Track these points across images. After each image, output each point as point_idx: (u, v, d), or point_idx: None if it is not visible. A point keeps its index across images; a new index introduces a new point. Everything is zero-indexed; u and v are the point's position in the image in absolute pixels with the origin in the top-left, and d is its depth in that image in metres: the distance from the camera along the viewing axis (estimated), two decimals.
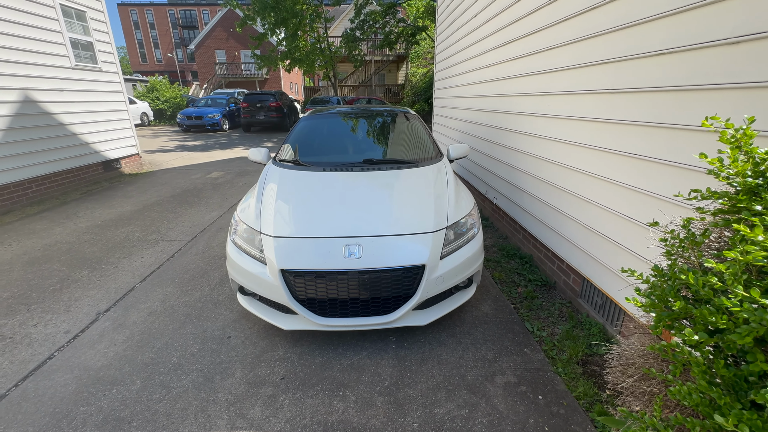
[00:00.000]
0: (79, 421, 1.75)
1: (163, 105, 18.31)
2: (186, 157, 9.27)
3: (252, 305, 2.30)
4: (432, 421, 1.73)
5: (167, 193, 5.73)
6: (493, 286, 2.93)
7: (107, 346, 2.27)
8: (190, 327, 2.45)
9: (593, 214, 2.35)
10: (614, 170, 2.13)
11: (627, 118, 2.02)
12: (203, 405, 1.83)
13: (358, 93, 25.71)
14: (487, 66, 4.14)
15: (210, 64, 31.83)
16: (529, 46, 3.10)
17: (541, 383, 1.95)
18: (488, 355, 2.16)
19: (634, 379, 1.06)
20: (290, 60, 16.85)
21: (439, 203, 2.37)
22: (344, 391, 1.91)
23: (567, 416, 1.74)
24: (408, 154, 3.24)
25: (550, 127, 2.84)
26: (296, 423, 1.73)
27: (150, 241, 3.86)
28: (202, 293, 2.86)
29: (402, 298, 2.10)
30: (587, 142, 2.37)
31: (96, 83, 6.34)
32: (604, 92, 2.21)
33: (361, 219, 2.24)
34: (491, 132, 4.10)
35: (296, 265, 2.03)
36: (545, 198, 2.95)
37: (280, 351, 2.21)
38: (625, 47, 2.02)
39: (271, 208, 2.34)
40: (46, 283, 3.02)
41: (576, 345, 2.16)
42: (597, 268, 2.34)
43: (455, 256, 2.21)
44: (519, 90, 3.37)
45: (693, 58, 1.63)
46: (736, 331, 0.67)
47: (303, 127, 3.53)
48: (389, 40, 16.68)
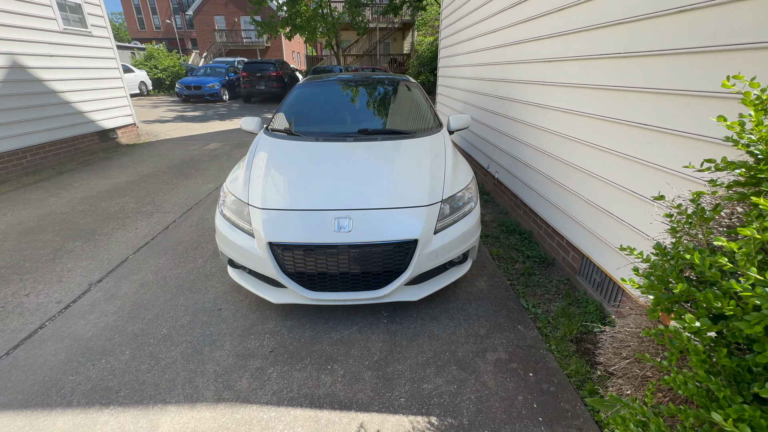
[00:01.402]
0: (67, 390, 1.75)
1: (162, 74, 17.84)
2: (184, 127, 9.09)
3: (242, 278, 2.26)
4: (419, 396, 1.71)
5: (164, 164, 5.64)
6: (490, 261, 2.87)
7: (98, 317, 2.26)
8: (181, 299, 2.43)
9: (598, 188, 2.23)
10: (621, 142, 2.00)
11: (638, 84, 1.87)
12: (191, 376, 1.83)
13: (362, 62, 24.87)
14: (493, 31, 3.88)
15: (209, 31, 30.76)
16: (540, 7, 2.86)
17: (532, 360, 1.91)
18: (480, 331, 2.12)
19: (627, 361, 0.99)
20: (291, 26, 16.18)
21: (435, 176, 2.26)
22: (332, 365, 1.89)
23: (557, 394, 1.72)
24: (405, 125, 3.10)
25: (556, 95, 2.68)
26: (283, 395, 1.72)
27: (144, 213, 3.82)
28: (194, 265, 2.83)
29: (393, 273, 2.04)
30: (595, 112, 2.22)
31: (87, 48, 6.10)
32: (617, 56, 2.04)
33: (353, 191, 2.15)
34: (496, 102, 3.91)
35: (284, 238, 1.96)
36: (548, 172, 2.83)
37: (271, 324, 2.19)
38: (643, 5, 1.83)
39: (260, 179, 2.25)
40: (39, 253, 3.00)
41: (571, 323, 2.12)
42: (598, 245, 2.26)
43: (450, 231, 2.12)
44: (526, 56, 3.16)
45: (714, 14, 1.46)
46: (744, 318, 0.59)
47: (297, 95, 3.37)
48: (394, 5, 15.88)
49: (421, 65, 16.79)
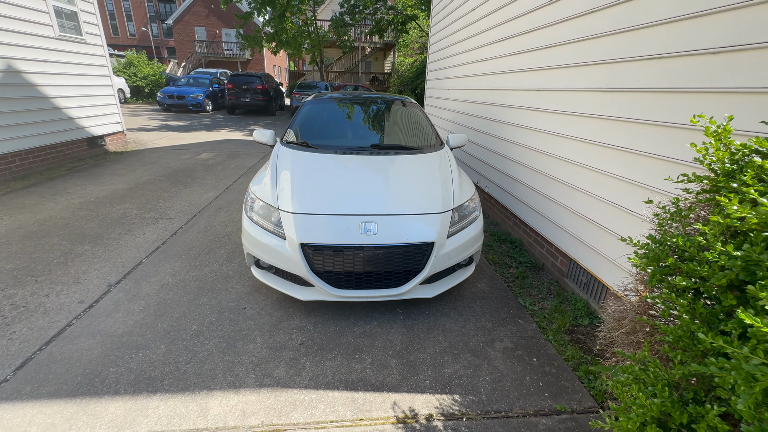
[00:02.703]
0: (111, 380, 1.85)
1: (141, 82, 17.50)
2: (171, 137, 9.04)
3: (267, 278, 2.43)
4: (442, 378, 1.94)
5: (158, 173, 5.66)
6: (488, 266, 3.17)
7: (125, 315, 2.35)
8: (204, 299, 2.55)
9: (583, 201, 2.59)
10: (604, 162, 2.37)
11: (618, 114, 2.26)
12: (230, 366, 1.97)
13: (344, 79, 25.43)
14: (483, 60, 4.32)
15: (189, 41, 30.48)
16: (527, 43, 3.29)
17: (534, 348, 2.19)
18: (487, 325, 2.39)
19: (626, 329, 1.29)
20: (276, 42, 16.48)
21: (446, 187, 2.55)
22: (360, 355, 2.09)
23: (558, 374, 2.00)
24: (413, 141, 3.40)
25: (544, 120, 3.07)
26: (320, 381, 1.90)
27: (149, 219, 3.87)
28: (211, 268, 2.95)
29: (411, 272, 2.28)
30: (580, 136, 2.60)
31: (80, 56, 6.08)
32: (599, 90, 2.44)
33: (375, 199, 2.40)
34: (485, 123, 4.31)
35: (316, 240, 2.17)
36: (538, 187, 3.19)
37: (296, 321, 2.36)
38: (620, 50, 2.24)
39: (288, 186, 2.45)
40: (48, 256, 3.02)
41: (563, 317, 2.43)
42: (584, 250, 2.60)
43: (460, 236, 2.41)
44: (517, 85, 3.57)
45: (680, 63, 1.86)
46: (714, 277, 0.88)
47: (308, 111, 3.61)
48: (379, 27, 16.56)
49: (402, 84, 17.43)
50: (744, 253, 0.83)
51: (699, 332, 0.89)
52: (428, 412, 1.73)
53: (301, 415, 1.70)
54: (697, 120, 1.19)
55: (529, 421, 1.71)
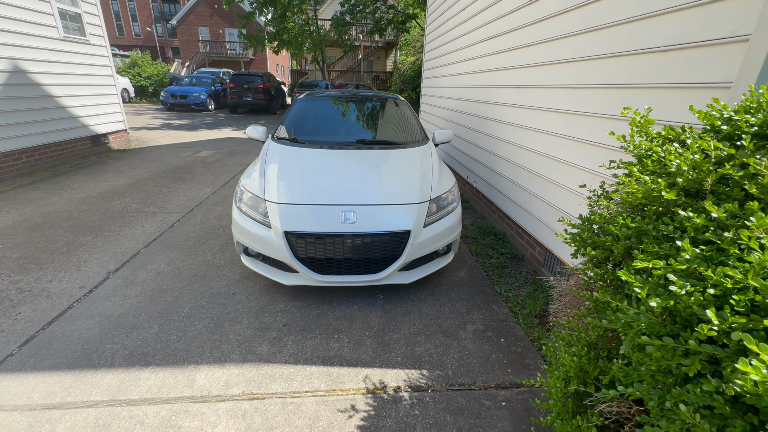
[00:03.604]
0: (107, 355, 2.01)
1: (145, 82, 17.80)
2: (173, 135, 9.24)
3: (255, 265, 2.58)
4: (413, 356, 2.08)
5: (159, 170, 5.84)
6: (470, 257, 3.30)
7: (122, 299, 2.51)
8: (197, 285, 2.71)
9: (558, 193, 2.72)
10: (574, 155, 2.49)
11: (587, 110, 2.38)
12: (217, 344, 2.12)
13: (346, 78, 25.56)
14: (472, 58, 4.44)
15: (193, 41, 30.79)
16: (510, 42, 3.41)
17: (504, 330, 2.33)
18: (461, 309, 2.53)
19: (564, 303, 1.42)
20: (278, 42, 16.67)
21: (424, 179, 2.69)
22: (339, 335, 2.24)
23: (522, 353, 2.13)
24: (397, 137, 3.54)
25: (525, 117, 3.19)
26: (299, 357, 2.04)
27: (148, 212, 4.04)
28: (204, 258, 3.11)
29: (390, 259, 2.42)
30: (555, 131, 2.73)
31: (84, 56, 6.28)
32: (570, 87, 2.56)
33: (356, 190, 2.54)
34: (474, 120, 4.43)
35: (298, 228, 2.32)
36: (519, 181, 3.32)
37: (281, 305, 2.51)
38: (588, 49, 2.36)
39: (274, 178, 2.60)
40: (52, 246, 3.20)
41: (535, 303, 2.55)
42: (557, 239, 2.72)
43: (436, 225, 2.54)
44: (501, 82, 3.69)
45: (636, 61, 1.99)
46: (615, 246, 1.01)
47: (299, 108, 3.75)
48: (379, 26, 16.67)
49: (403, 83, 17.52)
50: (636, 224, 0.96)
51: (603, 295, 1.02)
52: (396, 385, 1.88)
53: (279, 386, 1.85)
54: (626, 112, 1.32)
55: (489, 393, 1.84)
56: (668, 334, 0.77)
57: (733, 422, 0.67)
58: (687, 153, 0.95)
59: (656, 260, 0.81)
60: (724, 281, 0.70)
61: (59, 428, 1.59)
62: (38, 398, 1.74)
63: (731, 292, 0.70)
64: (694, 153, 0.95)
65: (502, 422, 1.69)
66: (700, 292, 0.73)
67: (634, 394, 0.85)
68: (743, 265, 0.71)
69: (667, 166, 0.98)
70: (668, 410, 0.78)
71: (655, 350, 0.76)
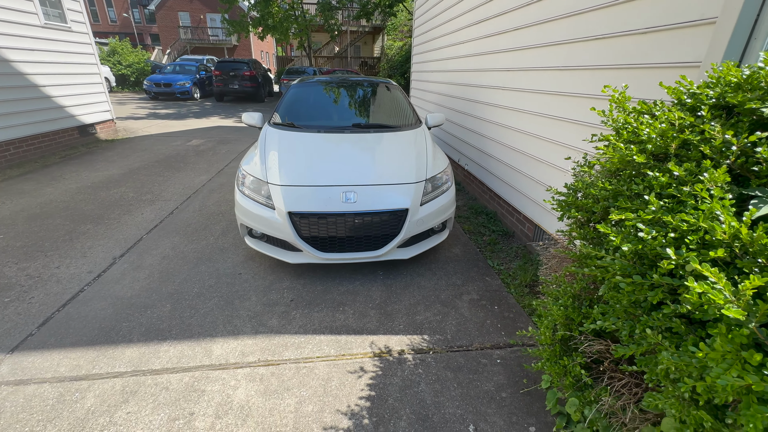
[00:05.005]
0: (125, 332, 2.12)
1: (126, 70, 17.29)
2: (161, 124, 9.12)
3: (259, 245, 2.69)
4: (414, 323, 2.24)
5: (151, 159, 5.82)
6: (463, 235, 3.46)
7: (131, 282, 2.60)
8: (203, 267, 2.81)
9: (545, 171, 2.87)
10: (561, 133, 2.64)
11: (574, 91, 2.51)
12: (229, 319, 2.25)
13: (334, 64, 25.23)
14: (461, 42, 4.52)
15: (173, 27, 29.80)
16: (498, 25, 3.51)
17: (497, 299, 2.51)
18: (457, 282, 2.69)
19: (552, 264, 1.58)
20: (263, 27, 16.32)
21: (420, 160, 2.81)
22: (343, 308, 2.38)
23: (514, 318, 2.31)
24: (391, 120, 3.64)
25: (513, 98, 3.32)
26: (308, 328, 2.19)
27: (146, 201, 4.08)
28: (207, 242, 3.20)
29: (389, 236, 2.56)
30: (542, 111, 2.86)
31: (66, 44, 6.13)
32: (556, 69, 2.69)
33: (355, 171, 2.65)
34: (464, 104, 4.55)
35: (302, 208, 2.43)
36: (508, 161, 3.47)
37: (287, 282, 2.63)
38: (573, 32, 2.48)
39: (275, 162, 2.69)
40: (54, 234, 3.24)
41: (525, 274, 2.73)
42: (545, 215, 2.90)
43: (432, 204, 2.68)
44: (489, 66, 3.80)
45: (612, 43, 2.12)
46: (595, 206, 1.16)
47: (294, 94, 3.81)
48: (366, 10, 16.44)
49: (391, 68, 17.39)
50: (613, 186, 1.11)
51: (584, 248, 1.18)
52: (400, 348, 2.04)
53: (291, 353, 1.99)
54: (606, 90, 1.45)
55: (485, 353, 2.02)
56: (638, 273, 0.93)
57: (687, 337, 0.83)
58: (656, 123, 1.10)
59: (628, 213, 0.96)
60: (681, 225, 0.85)
61: (89, 395, 1.71)
62: (64, 371, 1.85)
63: (687, 233, 0.85)
64: (662, 123, 1.09)
65: (498, 376, 1.87)
66: (662, 236, 0.88)
67: (609, 326, 1.01)
68: (697, 212, 0.86)
69: (640, 135, 1.13)
70: (638, 336, 0.94)
71: (627, 286, 0.92)
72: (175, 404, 1.68)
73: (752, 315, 0.67)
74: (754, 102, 0.92)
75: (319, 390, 1.77)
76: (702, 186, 0.87)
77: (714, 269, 0.72)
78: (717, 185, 0.86)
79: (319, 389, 1.77)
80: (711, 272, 0.71)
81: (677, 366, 0.81)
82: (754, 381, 0.66)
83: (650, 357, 0.93)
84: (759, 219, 0.81)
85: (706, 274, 0.71)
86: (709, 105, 1.06)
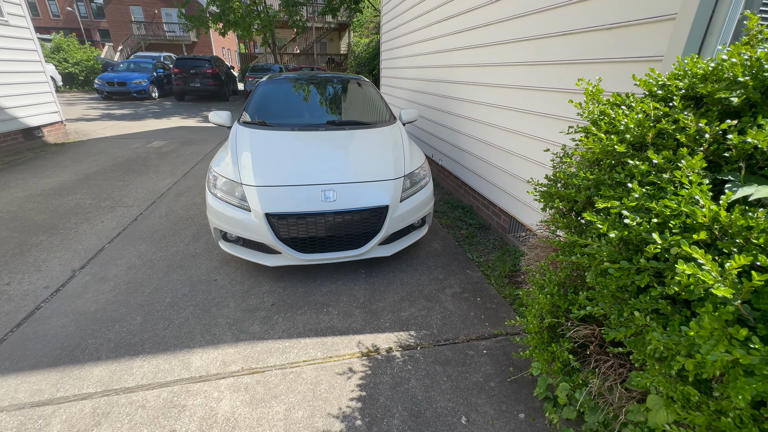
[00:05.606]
0: (92, 349, 1.96)
1: (74, 69, 16.06)
2: (117, 126, 8.55)
3: (235, 249, 2.58)
4: (400, 320, 2.23)
5: (108, 163, 5.45)
6: (441, 229, 3.50)
7: (95, 295, 2.42)
8: (174, 275, 2.66)
9: (518, 163, 2.95)
10: (532, 127, 2.72)
11: (543, 85, 2.59)
12: (207, 328, 2.14)
13: (300, 61, 24.69)
14: (432, 38, 4.55)
15: (124, 22, 27.99)
16: (469, 21, 3.55)
17: (479, 291, 2.55)
18: (439, 276, 2.71)
19: (536, 252, 1.62)
20: (224, 23, 15.67)
21: (397, 157, 2.80)
22: (327, 309, 2.33)
23: (497, 309, 2.36)
24: (366, 117, 3.60)
25: (486, 94, 3.38)
26: (292, 332, 2.12)
27: (105, 207, 3.81)
28: (177, 248, 3.03)
29: (370, 234, 2.53)
30: (514, 106, 2.93)
31: (4, 39, 5.59)
32: (528, 64, 2.76)
33: (333, 169, 2.60)
34: (436, 100, 4.58)
35: (280, 209, 2.35)
36: (482, 155, 3.53)
37: (266, 286, 2.55)
38: (544, 27, 2.55)
39: (249, 162, 2.59)
40: (1, 248, 2.95)
41: (504, 265, 2.80)
42: (520, 206, 2.98)
43: (411, 200, 2.68)
44: (460, 61, 3.85)
45: (580, 38, 2.20)
46: (578, 196, 1.20)
47: (263, 92, 3.67)
48: (332, 6, 16.19)
49: (359, 65, 17.27)
50: (595, 175, 1.14)
51: (570, 236, 1.21)
52: (388, 346, 2.02)
53: (276, 359, 1.92)
54: (580, 83, 1.50)
55: (472, 344, 2.05)
56: (624, 259, 0.96)
57: (673, 317, 0.87)
58: (632, 114, 1.14)
59: (613, 201, 0.99)
60: (664, 210, 0.89)
61: (55, 421, 1.57)
62: (24, 397, 1.68)
63: (669, 218, 0.89)
64: (638, 113, 1.14)
65: (485, 366, 1.90)
66: (647, 222, 0.92)
67: (598, 311, 1.04)
68: (677, 197, 0.90)
69: (617, 125, 1.17)
70: (626, 319, 0.98)
71: (615, 272, 0.95)
72: (154, 422, 1.58)
73: (738, 293, 0.71)
74: (722, 92, 0.98)
75: (308, 395, 1.72)
76: (681, 173, 0.92)
77: (701, 251, 0.75)
78: (694, 171, 0.91)
79: (308, 394, 1.73)
80: (699, 254, 0.75)
81: (666, 345, 0.85)
82: (741, 355, 0.70)
83: (638, 338, 0.97)
84: (734, 202, 0.86)
85: (696, 256, 0.75)
86: (679, 95, 1.12)
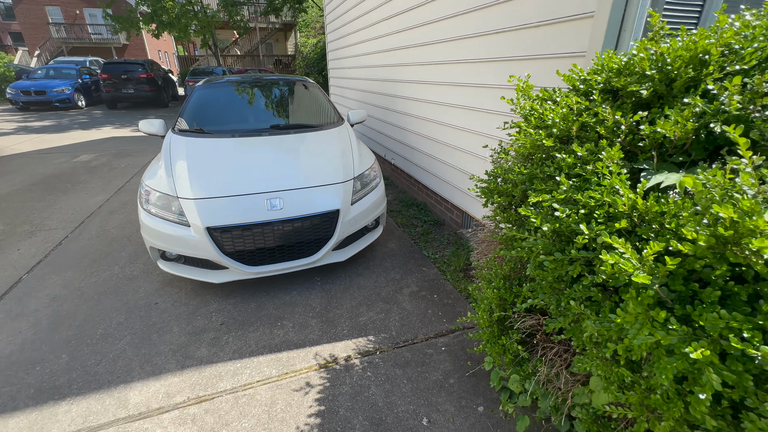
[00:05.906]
0: (6, 398, 1.71)
1: None
2: (36, 140, 7.67)
3: (176, 269, 2.39)
4: (357, 326, 2.19)
5: (26, 181, 4.86)
6: (397, 228, 3.50)
7: (10, 336, 2.12)
8: (107, 302, 2.41)
9: (463, 158, 3.01)
10: (475, 122, 2.79)
11: (485, 82, 2.66)
12: (147, 357, 1.95)
13: (245, 63, 23.74)
14: (376, 38, 4.53)
15: (40, 24, 25.20)
16: (411, 20, 3.58)
17: (435, 287, 2.57)
18: (396, 276, 2.70)
19: (483, 247, 1.64)
20: (157, 24, 14.65)
21: (346, 159, 2.75)
22: (282, 322, 2.23)
23: (453, 304, 2.39)
24: (312, 119, 3.50)
25: (431, 92, 3.42)
26: (244, 351, 2.00)
27: (22, 233, 3.39)
28: (111, 272, 2.76)
29: (322, 240, 2.46)
30: (458, 103, 2.99)
31: None
32: (468, 62, 2.82)
33: (278, 176, 2.49)
34: (385, 99, 4.58)
35: (221, 222, 2.20)
36: (431, 152, 3.58)
37: (214, 305, 2.38)
38: (481, 26, 2.62)
39: (185, 174, 2.40)
40: None
41: (458, 259, 2.85)
42: (470, 201, 3.05)
43: (363, 202, 2.64)
44: (406, 60, 3.86)
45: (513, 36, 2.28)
46: (515, 190, 1.23)
47: (200, 96, 3.45)
48: (274, 5, 15.72)
49: (308, 66, 16.91)
50: (528, 170, 1.17)
51: (510, 230, 1.23)
52: (346, 354, 1.97)
53: (227, 383, 1.80)
54: (511, 80, 1.54)
55: (430, 343, 2.05)
56: (558, 251, 0.99)
57: (604, 303, 0.91)
58: (558, 108, 1.18)
59: (544, 194, 1.02)
60: (589, 201, 0.92)
61: None
62: None
63: (595, 209, 0.92)
64: (563, 108, 1.18)
65: (444, 364, 1.91)
66: (575, 213, 0.94)
67: (539, 303, 1.06)
68: (600, 188, 0.93)
69: (546, 120, 1.20)
70: (564, 309, 1.01)
71: (550, 264, 0.97)
72: None
73: (655, 277, 0.74)
74: (634, 85, 1.04)
75: (262, 417, 1.62)
76: (602, 164, 0.96)
77: (621, 240, 0.78)
78: (614, 162, 0.95)
79: (263, 417, 1.63)
80: (619, 243, 0.78)
81: (599, 332, 0.88)
82: (662, 336, 0.74)
83: (576, 326, 1.00)
84: (649, 189, 0.91)
85: (616, 245, 0.77)
86: (598, 89, 1.17)
